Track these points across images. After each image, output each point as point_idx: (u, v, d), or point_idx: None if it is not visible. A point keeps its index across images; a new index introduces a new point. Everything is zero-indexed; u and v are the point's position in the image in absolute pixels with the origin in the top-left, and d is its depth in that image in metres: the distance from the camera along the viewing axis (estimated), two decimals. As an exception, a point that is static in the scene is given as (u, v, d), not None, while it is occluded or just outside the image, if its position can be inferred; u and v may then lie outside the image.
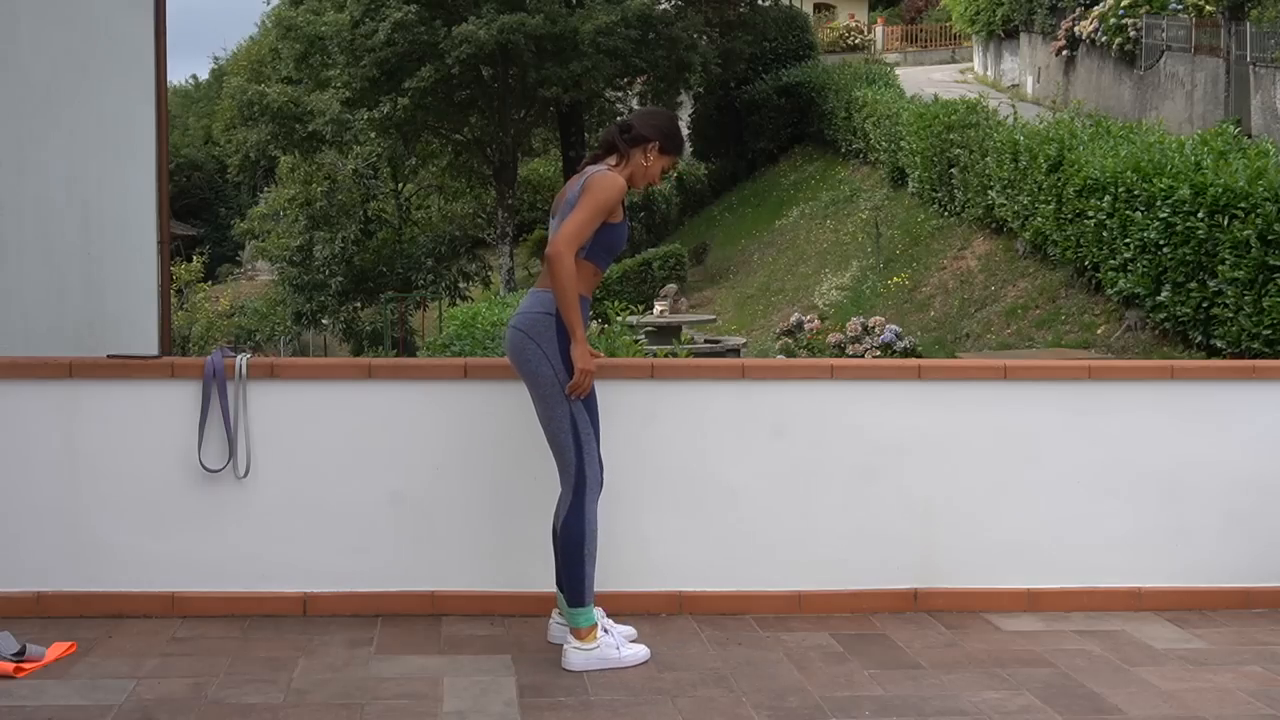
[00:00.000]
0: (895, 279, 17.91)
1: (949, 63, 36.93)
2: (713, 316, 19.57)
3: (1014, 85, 29.28)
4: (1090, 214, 13.19)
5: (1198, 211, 11.25)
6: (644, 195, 31.17)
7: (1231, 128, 14.90)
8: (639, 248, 27.50)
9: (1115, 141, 14.28)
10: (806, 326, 15.21)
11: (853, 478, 4.78)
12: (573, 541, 4.12)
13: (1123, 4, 22.51)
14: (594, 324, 15.55)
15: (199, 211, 48.32)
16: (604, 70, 24.57)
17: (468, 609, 4.63)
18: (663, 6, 25.82)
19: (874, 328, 13.89)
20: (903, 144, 21.16)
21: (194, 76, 61.56)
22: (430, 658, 4.19)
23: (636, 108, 28.11)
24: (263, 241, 33.67)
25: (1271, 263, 10.53)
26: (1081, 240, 13.62)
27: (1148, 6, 21.94)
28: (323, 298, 29.82)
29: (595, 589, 4.22)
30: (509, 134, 26.25)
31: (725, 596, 4.74)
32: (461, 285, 30.67)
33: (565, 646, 4.14)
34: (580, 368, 4.06)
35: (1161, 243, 11.79)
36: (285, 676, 3.99)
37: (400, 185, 32.12)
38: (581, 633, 4.12)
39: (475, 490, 4.65)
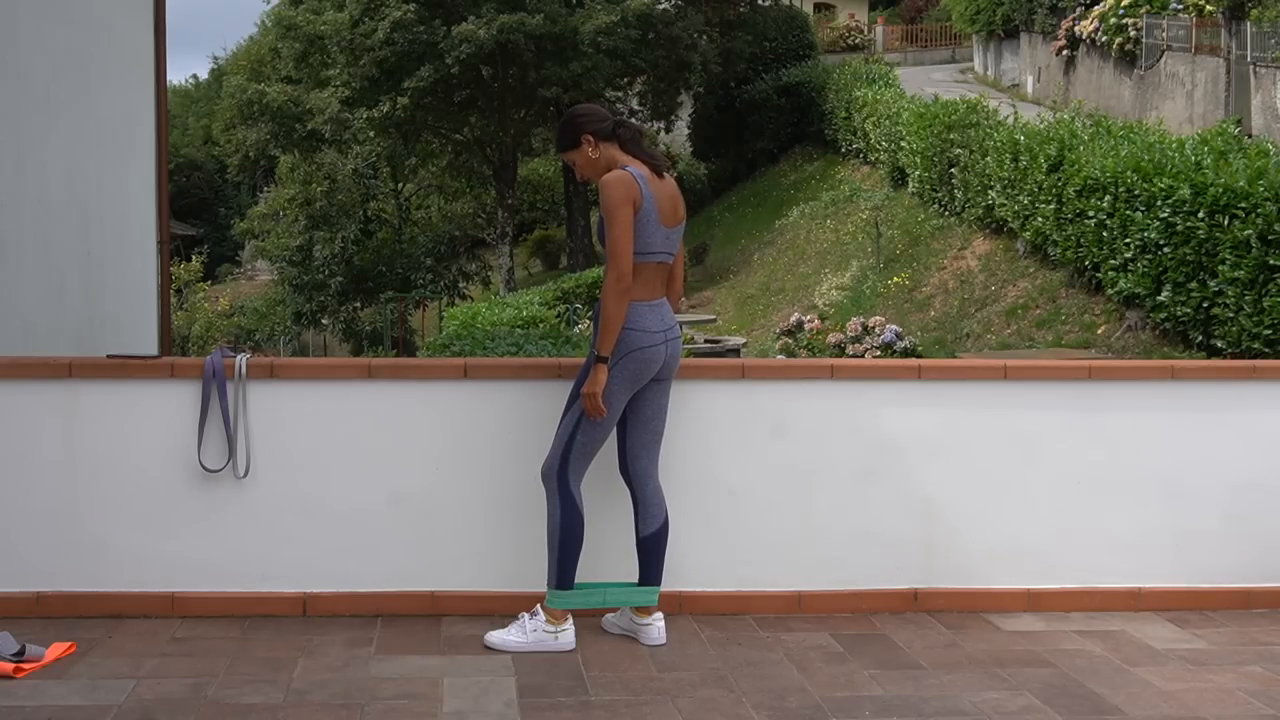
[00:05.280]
0: (895, 279, 17.91)
1: (949, 62, 36.95)
2: (713, 316, 19.58)
3: (1014, 85, 29.29)
4: (1090, 214, 13.20)
5: (1198, 211, 11.25)
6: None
7: (1232, 127, 14.91)
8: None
9: (1115, 141, 14.29)
10: (806, 326, 15.20)
11: (853, 478, 4.78)
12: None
13: (1123, 4, 22.52)
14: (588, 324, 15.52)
15: (199, 211, 48.34)
16: (604, 70, 24.57)
17: (468, 609, 4.63)
18: (663, 6, 25.81)
19: (874, 328, 13.89)
20: (903, 144, 21.16)
21: (194, 76, 61.64)
22: (430, 658, 4.19)
23: (637, 108, 28.18)
24: (262, 241, 33.69)
25: (1272, 263, 10.53)
26: (1082, 240, 13.63)
27: (1148, 6, 21.95)
28: (322, 298, 29.83)
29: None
30: (509, 134, 26.25)
31: (725, 596, 4.74)
32: (461, 285, 30.69)
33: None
34: (588, 390, 4.20)
35: (1162, 243, 11.79)
36: (285, 676, 3.99)
37: (400, 185, 32.13)
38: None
39: (475, 490, 4.65)
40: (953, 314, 16.07)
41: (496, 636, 4.31)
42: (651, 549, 4.39)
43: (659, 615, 4.40)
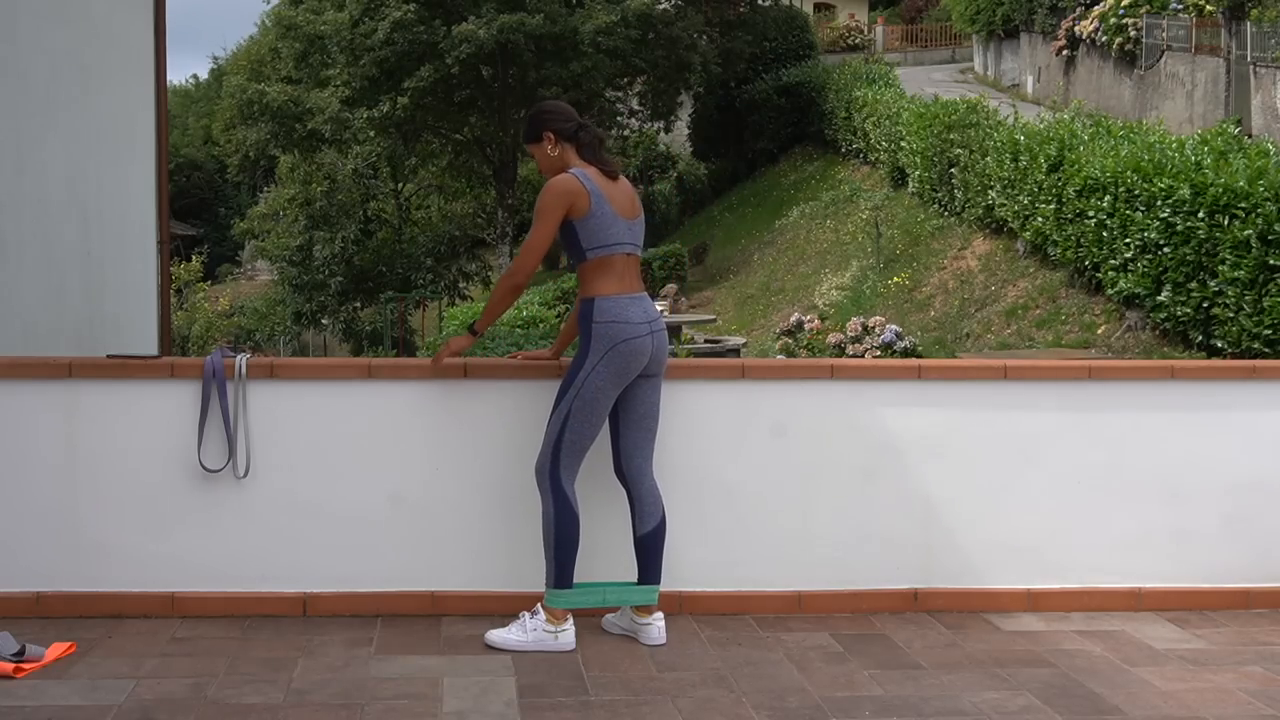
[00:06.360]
0: (895, 279, 17.91)
1: (949, 62, 36.96)
2: (713, 316, 19.57)
3: (1014, 85, 29.30)
4: (1090, 214, 13.20)
5: (1198, 211, 11.26)
6: (644, 195, 31.23)
7: (1232, 127, 14.91)
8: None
9: (1115, 141, 14.29)
10: (806, 326, 15.19)
11: (853, 478, 4.78)
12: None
13: (1123, 4, 22.52)
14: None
15: (199, 211, 48.35)
16: (604, 70, 24.56)
17: (468, 609, 4.63)
18: (663, 6, 25.81)
19: (874, 328, 13.88)
20: (903, 144, 21.17)
21: (194, 76, 61.66)
22: (430, 658, 4.19)
23: (637, 107, 28.17)
24: (262, 241, 33.69)
25: (1272, 263, 10.53)
26: (1082, 240, 13.63)
27: (1148, 6, 21.95)
28: (322, 298, 29.82)
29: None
30: (509, 134, 26.23)
31: (725, 596, 4.74)
32: (461, 285, 30.68)
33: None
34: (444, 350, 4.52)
35: (1162, 243, 11.79)
36: (285, 676, 3.99)
37: (400, 185, 32.13)
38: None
39: (475, 490, 4.65)
40: (953, 314, 16.07)
41: (497, 635, 4.31)
42: (649, 547, 4.40)
43: (659, 615, 4.40)
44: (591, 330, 4.24)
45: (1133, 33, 22.16)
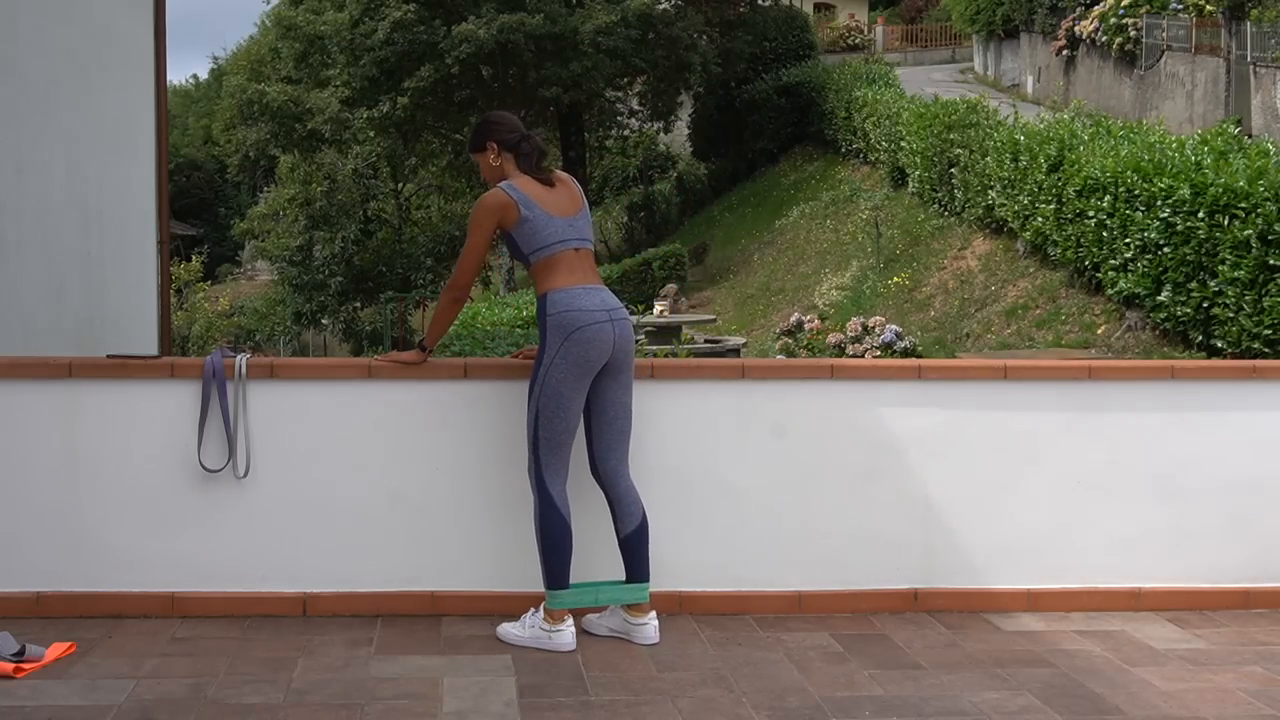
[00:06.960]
0: (895, 279, 17.91)
1: (949, 62, 36.98)
2: (713, 316, 19.56)
3: (1014, 85, 29.30)
4: (1090, 214, 13.20)
5: (1198, 211, 11.25)
6: (644, 195, 31.24)
7: (1232, 127, 14.90)
8: (639, 247, 27.52)
9: (1115, 141, 14.29)
10: (806, 326, 15.19)
11: (853, 478, 4.78)
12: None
13: (1123, 4, 22.53)
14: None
15: (199, 211, 48.39)
16: (604, 70, 24.57)
17: (468, 609, 4.63)
18: (663, 6, 25.83)
19: (874, 328, 13.87)
20: (903, 144, 21.17)
21: (194, 76, 61.68)
22: (430, 658, 4.19)
23: (637, 107, 28.16)
24: (263, 241, 33.74)
25: (1272, 263, 10.53)
26: (1082, 240, 13.63)
27: (1148, 6, 21.96)
28: (322, 298, 29.87)
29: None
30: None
31: (725, 596, 4.74)
32: (461, 285, 30.67)
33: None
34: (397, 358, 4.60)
35: (1162, 243, 11.79)
36: (285, 676, 3.99)
37: (400, 185, 32.15)
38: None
39: (475, 490, 4.65)
40: (953, 314, 16.07)
41: (504, 627, 4.38)
42: (634, 546, 4.40)
43: (652, 614, 4.40)
44: (546, 323, 4.28)
45: (1133, 33, 22.17)
